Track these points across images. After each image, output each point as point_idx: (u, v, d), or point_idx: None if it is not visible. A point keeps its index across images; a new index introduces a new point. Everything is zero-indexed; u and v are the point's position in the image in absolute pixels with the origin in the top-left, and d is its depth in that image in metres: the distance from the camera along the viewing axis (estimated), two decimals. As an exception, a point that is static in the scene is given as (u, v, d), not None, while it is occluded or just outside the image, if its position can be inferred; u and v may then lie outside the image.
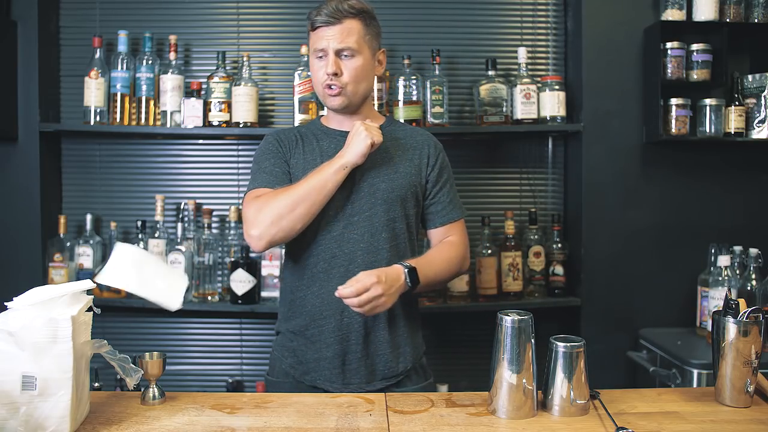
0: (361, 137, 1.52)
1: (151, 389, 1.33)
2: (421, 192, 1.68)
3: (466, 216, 1.75)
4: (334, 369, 1.58)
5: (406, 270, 1.52)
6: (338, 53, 1.59)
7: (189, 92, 2.46)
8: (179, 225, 2.50)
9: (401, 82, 2.43)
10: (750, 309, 1.30)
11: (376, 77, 1.71)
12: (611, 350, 2.50)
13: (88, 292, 1.24)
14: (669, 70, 2.42)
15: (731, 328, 1.30)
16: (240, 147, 2.64)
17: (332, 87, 1.60)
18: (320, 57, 1.61)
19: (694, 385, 2.08)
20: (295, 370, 1.63)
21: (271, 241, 1.53)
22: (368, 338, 1.59)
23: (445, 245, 1.69)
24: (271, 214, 1.50)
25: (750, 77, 2.48)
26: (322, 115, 1.78)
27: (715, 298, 2.29)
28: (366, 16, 1.62)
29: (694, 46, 2.43)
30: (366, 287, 1.43)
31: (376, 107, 2.44)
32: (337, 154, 1.54)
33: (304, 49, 2.46)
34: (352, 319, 1.58)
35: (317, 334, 1.60)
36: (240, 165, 2.64)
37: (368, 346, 1.59)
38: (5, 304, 1.16)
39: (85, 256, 2.49)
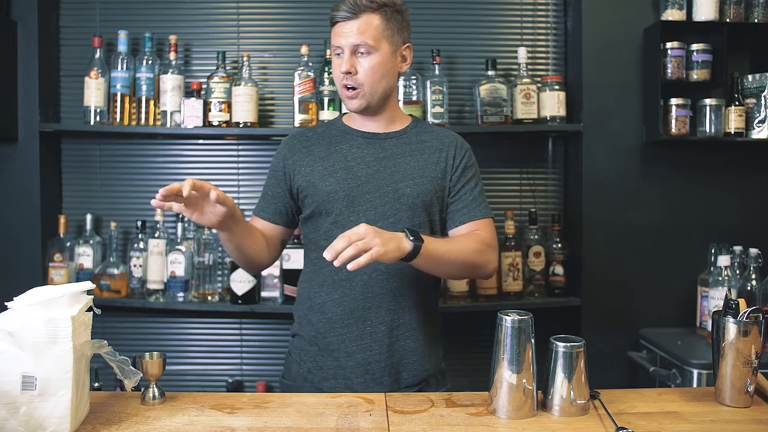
0: None
1: (151, 389, 1.33)
2: (446, 195, 1.61)
3: (494, 218, 1.63)
4: (356, 378, 1.54)
5: (406, 229, 1.40)
6: (354, 50, 1.51)
7: (189, 92, 2.46)
8: (179, 225, 2.50)
9: (401, 82, 2.43)
10: (750, 309, 1.30)
11: (400, 74, 1.61)
12: (611, 350, 2.50)
13: (88, 292, 1.24)
14: (669, 70, 2.42)
15: (731, 328, 1.29)
16: (240, 147, 2.64)
17: (349, 88, 1.54)
18: (338, 54, 1.54)
19: (694, 385, 2.08)
20: (314, 375, 1.58)
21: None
22: (393, 347, 1.54)
23: (466, 235, 1.57)
24: None
25: (750, 77, 2.48)
26: (345, 113, 1.69)
27: (715, 298, 2.29)
28: (388, 9, 1.53)
29: (694, 46, 2.43)
30: (359, 235, 1.30)
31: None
32: None
33: (304, 49, 2.46)
34: (375, 328, 1.53)
35: (337, 343, 1.55)
36: (240, 165, 2.64)
37: (393, 355, 1.54)
38: (5, 304, 1.15)
39: (85, 256, 2.49)
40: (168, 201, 1.34)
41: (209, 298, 2.48)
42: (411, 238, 1.37)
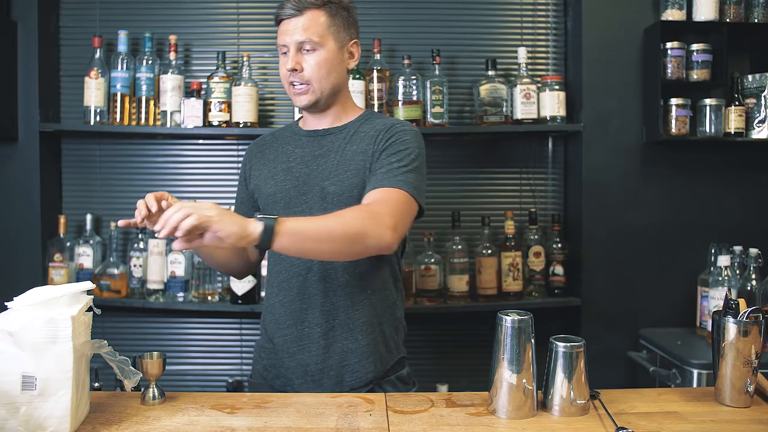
0: None
1: (151, 389, 1.33)
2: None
3: (412, 194, 1.44)
4: (297, 379, 1.54)
5: (257, 213, 1.33)
6: (299, 47, 1.49)
7: (189, 92, 2.46)
8: (179, 225, 2.49)
9: (401, 82, 2.43)
10: (750, 309, 1.30)
11: (349, 70, 1.59)
12: (611, 350, 2.50)
13: (88, 292, 1.24)
14: (669, 70, 2.42)
15: (731, 328, 1.29)
16: (240, 147, 2.64)
17: (295, 85, 1.52)
18: (284, 53, 1.52)
19: (694, 385, 2.08)
20: (268, 372, 1.60)
21: None
22: (330, 348, 1.51)
23: (351, 207, 1.42)
24: None
25: (750, 77, 2.48)
26: (301, 117, 1.68)
27: (715, 298, 2.29)
28: (333, 6, 1.51)
29: (694, 46, 2.43)
30: (193, 204, 1.24)
31: (376, 108, 2.44)
32: None
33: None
34: (311, 330, 1.53)
35: (282, 343, 1.56)
36: (240, 165, 2.64)
37: (331, 356, 1.52)
38: (5, 304, 1.16)
39: (85, 256, 2.49)
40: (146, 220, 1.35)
41: (209, 298, 2.48)
42: (260, 216, 1.26)
